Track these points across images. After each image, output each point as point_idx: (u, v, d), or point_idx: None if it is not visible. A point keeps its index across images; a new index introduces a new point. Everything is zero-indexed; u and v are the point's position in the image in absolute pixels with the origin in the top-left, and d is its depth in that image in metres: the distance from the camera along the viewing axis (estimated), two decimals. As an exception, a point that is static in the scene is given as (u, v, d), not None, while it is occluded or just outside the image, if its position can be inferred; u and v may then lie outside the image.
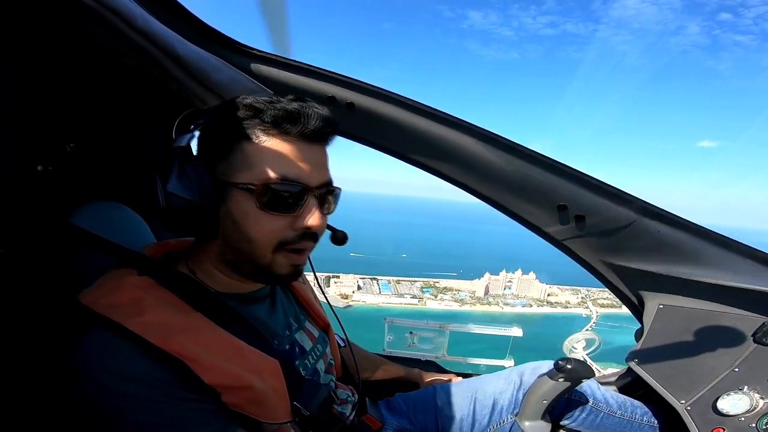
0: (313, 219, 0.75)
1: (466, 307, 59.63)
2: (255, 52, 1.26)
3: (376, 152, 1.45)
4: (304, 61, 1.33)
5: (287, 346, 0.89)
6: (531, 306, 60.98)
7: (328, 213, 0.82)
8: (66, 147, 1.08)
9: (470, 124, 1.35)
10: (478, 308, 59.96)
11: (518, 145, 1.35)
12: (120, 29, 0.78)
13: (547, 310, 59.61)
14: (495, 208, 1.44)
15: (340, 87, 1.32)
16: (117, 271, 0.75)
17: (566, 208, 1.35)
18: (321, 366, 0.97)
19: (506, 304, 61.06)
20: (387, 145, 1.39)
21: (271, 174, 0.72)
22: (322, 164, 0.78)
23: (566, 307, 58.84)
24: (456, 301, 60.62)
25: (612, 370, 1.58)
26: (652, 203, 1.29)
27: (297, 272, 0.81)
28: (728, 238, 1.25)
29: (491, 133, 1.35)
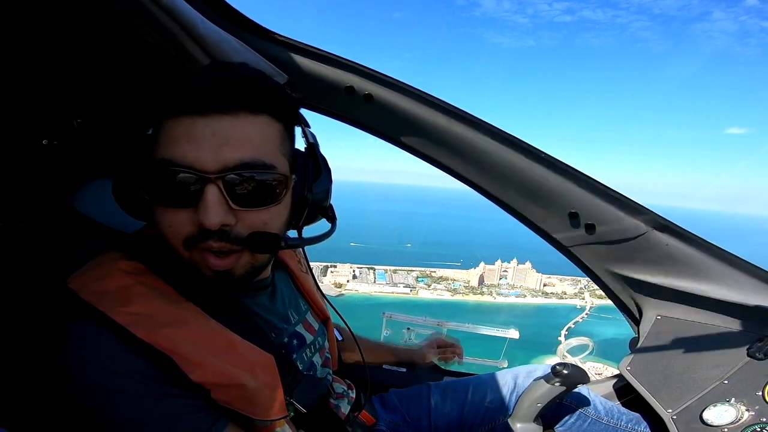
0: (204, 214, 0.62)
1: (458, 297, 60.59)
2: (276, 36, 1.26)
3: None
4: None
5: (285, 339, 0.88)
6: (525, 296, 61.93)
7: (251, 204, 0.66)
8: (73, 122, 1.08)
9: (488, 123, 1.37)
10: (471, 298, 60.90)
11: (535, 148, 1.38)
12: (144, 4, 0.78)
13: (541, 300, 60.62)
14: (505, 210, 1.48)
15: (360, 77, 1.33)
16: (107, 254, 0.73)
17: (578, 216, 1.39)
18: (318, 360, 0.97)
19: (499, 294, 61.99)
20: (401, 140, 1.41)
21: (156, 159, 0.65)
22: (228, 140, 0.63)
23: (561, 298, 59.86)
24: (449, 290, 61.52)
25: (605, 373, 1.65)
26: (663, 216, 1.33)
27: (224, 278, 0.68)
28: (734, 255, 1.31)
29: (508, 134, 1.38)
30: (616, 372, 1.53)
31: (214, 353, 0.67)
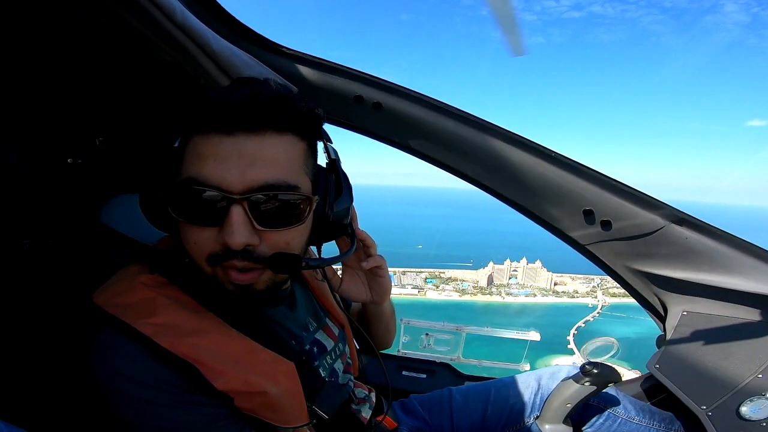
0: (229, 234, 0.62)
1: (466, 298, 59.99)
2: (285, 49, 1.28)
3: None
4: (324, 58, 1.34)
5: (306, 346, 0.87)
6: (535, 296, 61.17)
7: (275, 225, 0.66)
8: (95, 140, 1.10)
9: (496, 125, 1.36)
10: (479, 298, 60.31)
11: (544, 147, 1.36)
12: (159, 21, 0.79)
13: (552, 300, 59.73)
14: (518, 210, 1.46)
15: (368, 86, 1.33)
16: (129, 268, 0.74)
17: (592, 213, 1.36)
18: (339, 366, 0.96)
19: (509, 294, 61.31)
20: (413, 146, 1.40)
21: (182, 177, 0.65)
22: (254, 160, 0.62)
23: (573, 297, 58.83)
24: (457, 291, 61.04)
25: (632, 375, 1.61)
26: (681, 210, 1.30)
27: (245, 293, 0.69)
28: (758, 246, 1.26)
29: (517, 135, 1.36)
30: (632, 373, 1.49)
31: (236, 361, 0.67)
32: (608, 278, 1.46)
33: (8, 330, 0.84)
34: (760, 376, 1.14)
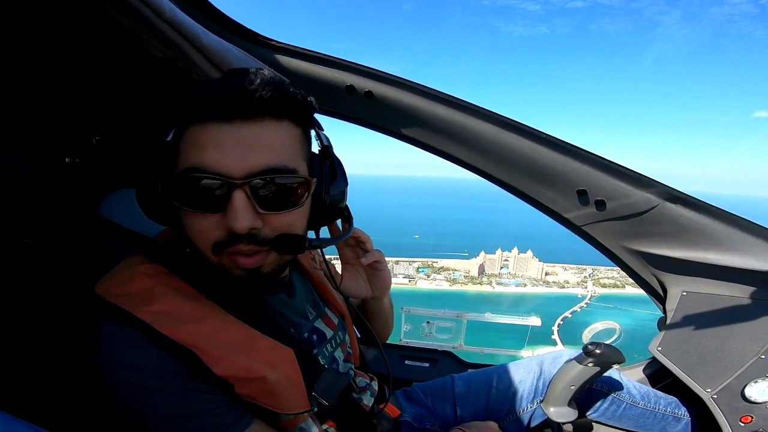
0: (233, 219, 0.61)
1: (456, 287, 59.84)
2: (274, 43, 1.25)
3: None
4: (324, 50, 1.31)
5: (305, 334, 0.85)
6: (525, 285, 61.21)
7: (277, 207, 0.66)
8: (92, 140, 1.09)
9: (488, 110, 1.32)
10: (470, 288, 60.19)
11: (536, 130, 1.31)
12: (149, 18, 0.77)
13: (541, 290, 59.61)
14: (512, 194, 1.42)
15: (359, 76, 1.29)
16: (130, 259, 0.73)
17: (586, 193, 1.32)
18: (340, 354, 0.94)
19: (499, 283, 61.33)
20: (405, 133, 1.36)
21: (182, 166, 0.64)
22: (252, 146, 0.62)
23: (563, 287, 58.74)
24: (448, 281, 61.03)
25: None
26: (674, 188, 1.26)
27: (253, 276, 0.68)
28: (754, 223, 1.22)
29: (509, 119, 1.32)
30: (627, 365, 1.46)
31: (235, 347, 0.67)
32: (599, 269, 1.43)
33: (14, 328, 0.83)
34: (763, 357, 1.10)
